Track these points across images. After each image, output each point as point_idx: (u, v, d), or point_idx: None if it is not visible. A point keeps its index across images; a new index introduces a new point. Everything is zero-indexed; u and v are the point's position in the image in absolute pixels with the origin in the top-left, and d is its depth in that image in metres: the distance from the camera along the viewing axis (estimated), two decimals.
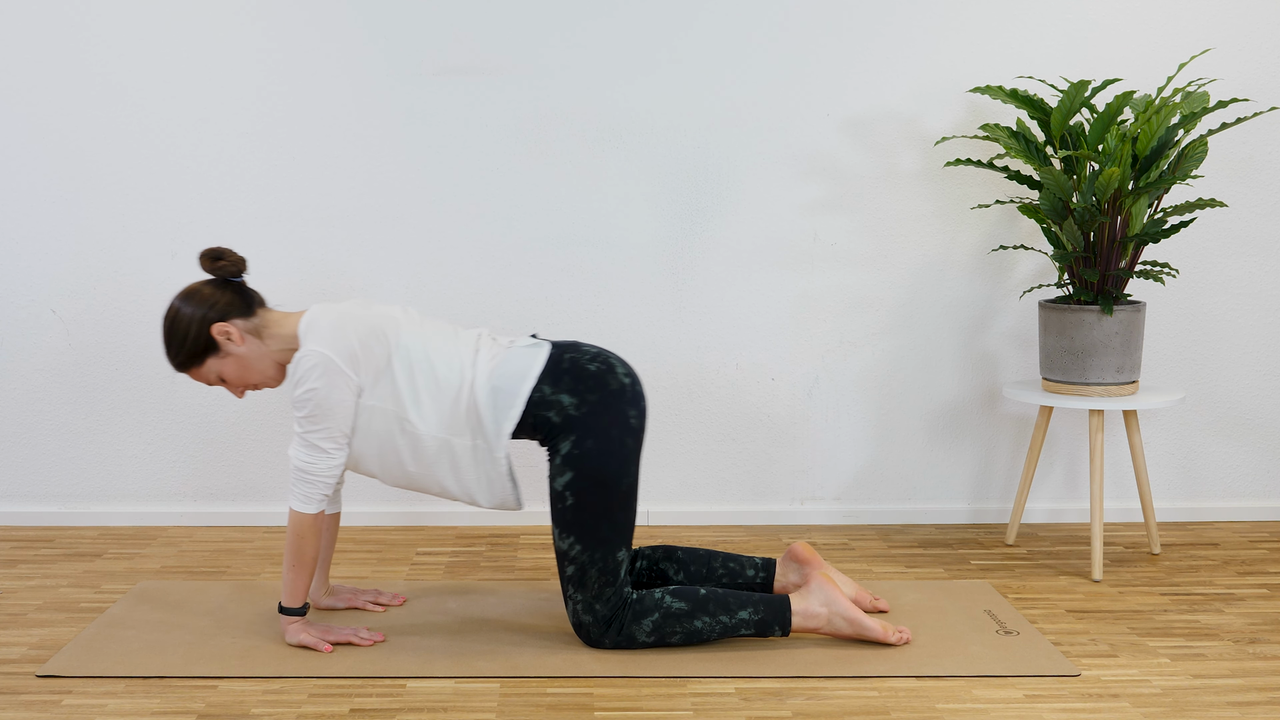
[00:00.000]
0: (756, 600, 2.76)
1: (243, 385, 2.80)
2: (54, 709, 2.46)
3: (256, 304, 2.78)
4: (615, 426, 2.70)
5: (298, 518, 2.70)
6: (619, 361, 2.79)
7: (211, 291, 2.74)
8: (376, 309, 2.77)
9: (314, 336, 2.67)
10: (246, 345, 2.74)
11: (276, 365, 2.78)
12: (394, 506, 3.76)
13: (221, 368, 2.76)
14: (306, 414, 2.66)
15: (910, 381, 3.80)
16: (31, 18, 3.58)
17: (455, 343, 2.77)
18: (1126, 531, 3.73)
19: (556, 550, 2.73)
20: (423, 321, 2.80)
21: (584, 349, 2.79)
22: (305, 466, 2.69)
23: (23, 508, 3.74)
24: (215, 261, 2.75)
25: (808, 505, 3.82)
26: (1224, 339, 3.82)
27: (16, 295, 3.68)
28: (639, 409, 2.76)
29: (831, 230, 3.73)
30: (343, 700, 2.51)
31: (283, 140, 3.64)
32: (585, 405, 2.70)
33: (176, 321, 2.72)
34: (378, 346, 2.69)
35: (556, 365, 2.73)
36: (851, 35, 3.67)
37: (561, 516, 2.70)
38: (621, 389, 2.74)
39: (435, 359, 2.72)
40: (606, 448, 2.69)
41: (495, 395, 2.70)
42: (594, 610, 2.71)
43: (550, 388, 2.71)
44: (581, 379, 2.72)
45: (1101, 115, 3.26)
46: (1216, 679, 2.64)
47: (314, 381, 2.64)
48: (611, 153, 3.68)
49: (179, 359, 2.74)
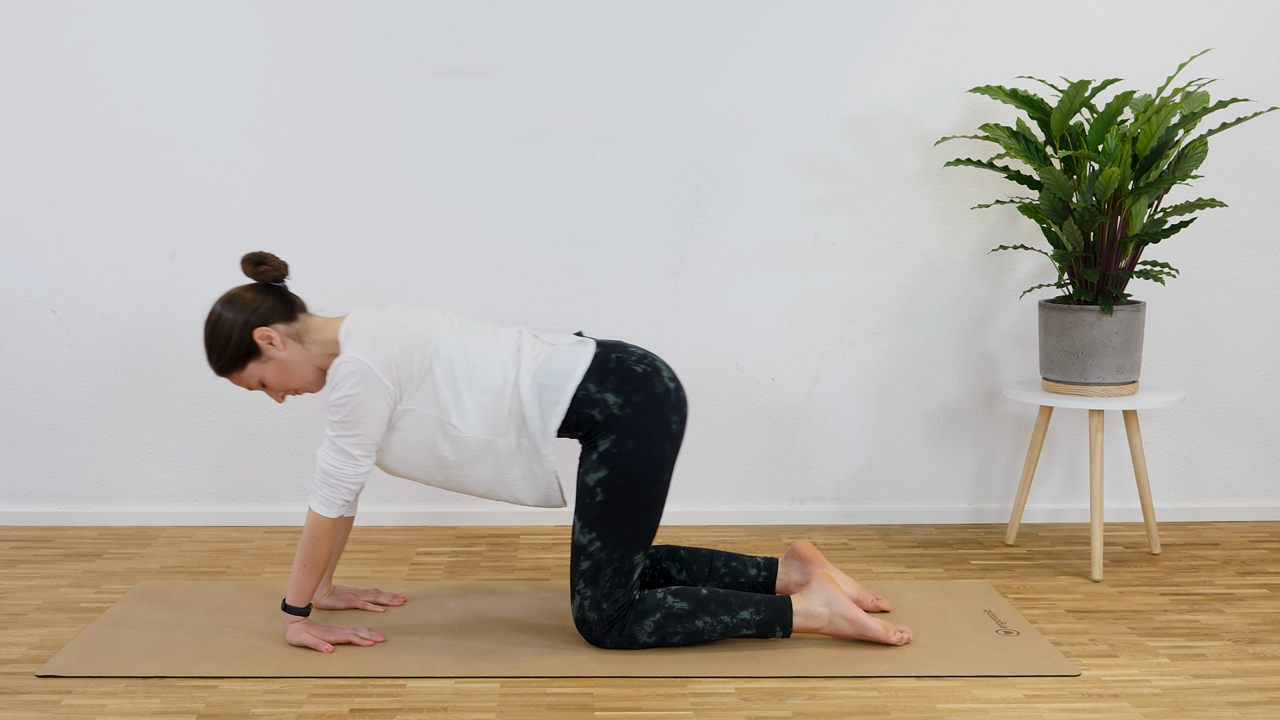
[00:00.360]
0: (758, 600, 2.76)
1: (283, 390, 2.80)
2: (54, 709, 2.46)
3: (298, 309, 2.79)
4: (657, 430, 2.70)
5: (316, 520, 2.70)
6: (664, 365, 2.80)
7: (253, 296, 2.75)
8: (417, 315, 2.77)
9: (354, 343, 2.67)
10: (288, 350, 2.74)
11: (317, 370, 2.78)
12: (394, 506, 3.76)
13: (263, 372, 2.76)
14: (340, 419, 2.66)
15: (910, 381, 3.80)
16: (31, 18, 3.58)
17: (496, 342, 2.77)
18: (1126, 531, 3.73)
19: (574, 543, 2.72)
20: (462, 323, 2.81)
21: (630, 349, 2.79)
22: (332, 471, 2.69)
23: (23, 508, 3.74)
24: (257, 266, 2.76)
25: (808, 505, 3.82)
26: (1224, 339, 3.82)
27: (16, 295, 3.68)
28: (681, 415, 2.76)
29: (831, 230, 3.73)
30: (343, 700, 2.51)
31: (283, 140, 3.64)
32: (630, 406, 2.70)
33: (218, 326, 2.73)
34: (418, 354, 2.69)
35: (603, 364, 2.73)
36: (851, 35, 3.67)
37: (587, 511, 2.70)
38: (666, 392, 2.74)
39: (476, 360, 2.72)
40: (646, 450, 2.69)
41: (540, 392, 2.70)
42: (600, 608, 2.71)
43: (595, 386, 2.71)
44: (628, 379, 2.72)
45: (1101, 115, 3.26)
46: (1216, 679, 2.64)
47: (350, 389, 2.64)
48: (611, 153, 3.68)
49: (220, 363, 2.75)
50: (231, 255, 3.65)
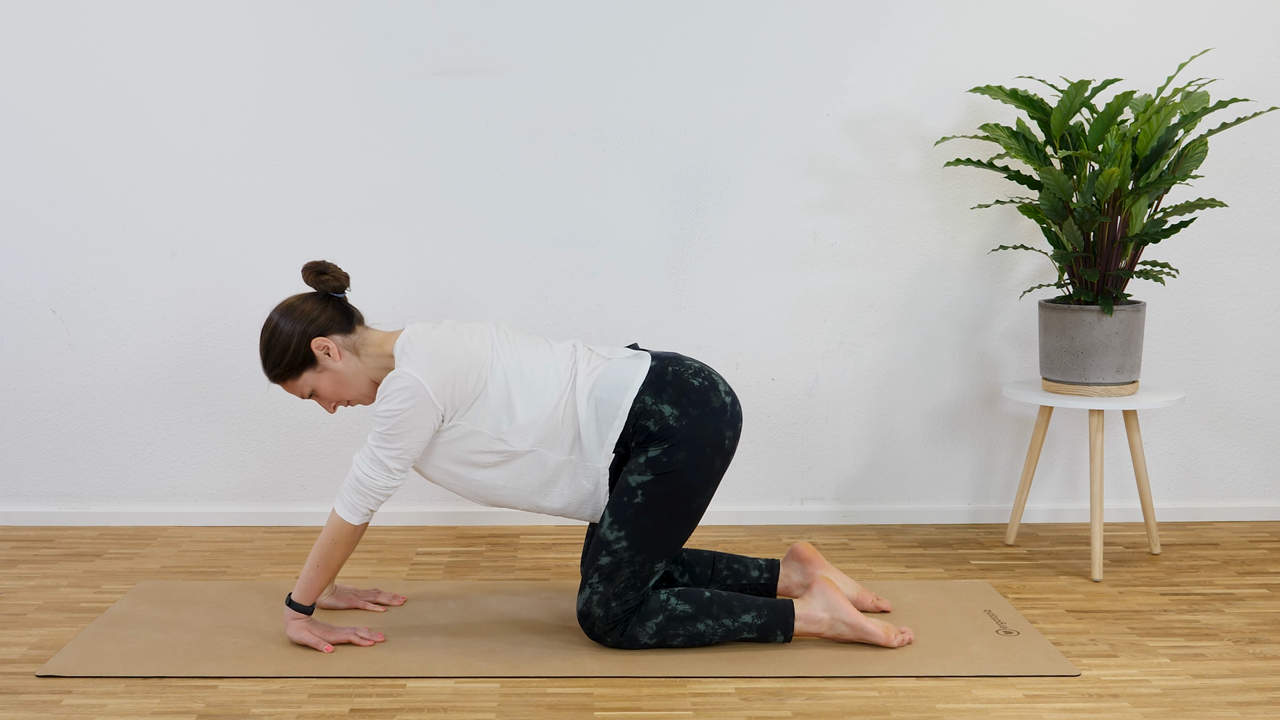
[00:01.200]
0: (760, 604, 2.76)
1: (336, 400, 2.81)
2: (54, 709, 2.46)
3: (356, 320, 2.79)
4: (709, 444, 2.70)
5: (339, 524, 2.70)
6: (721, 379, 2.80)
7: (312, 306, 2.75)
8: (473, 332, 2.77)
9: (409, 360, 2.67)
10: (344, 361, 2.75)
11: (371, 383, 2.79)
12: (394, 506, 3.76)
13: (317, 382, 2.76)
14: (384, 430, 2.66)
15: (910, 381, 3.80)
16: (31, 18, 3.58)
17: (551, 356, 2.78)
18: (1126, 531, 3.73)
19: (599, 538, 2.72)
20: (515, 337, 2.81)
21: (687, 363, 2.79)
22: (365, 480, 2.68)
23: (23, 508, 3.74)
24: (319, 276, 2.76)
25: (808, 505, 3.82)
26: (1224, 339, 3.82)
27: (16, 295, 3.68)
28: (735, 430, 2.76)
29: (831, 230, 3.73)
30: (343, 700, 2.51)
31: (283, 140, 3.64)
32: (686, 418, 2.70)
33: (276, 334, 2.73)
34: (473, 374, 2.69)
35: (659, 377, 2.73)
36: (851, 35, 3.67)
37: (622, 510, 2.70)
38: (723, 407, 2.74)
39: (531, 377, 2.73)
40: (696, 464, 2.69)
41: (598, 407, 2.71)
42: (608, 606, 2.71)
43: (653, 398, 2.71)
44: (685, 392, 2.72)
45: (1101, 115, 3.26)
46: (1216, 679, 2.64)
47: (400, 403, 2.64)
48: (611, 153, 3.68)
49: (276, 371, 2.75)
50: (231, 255, 3.65)
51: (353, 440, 3.70)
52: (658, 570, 2.72)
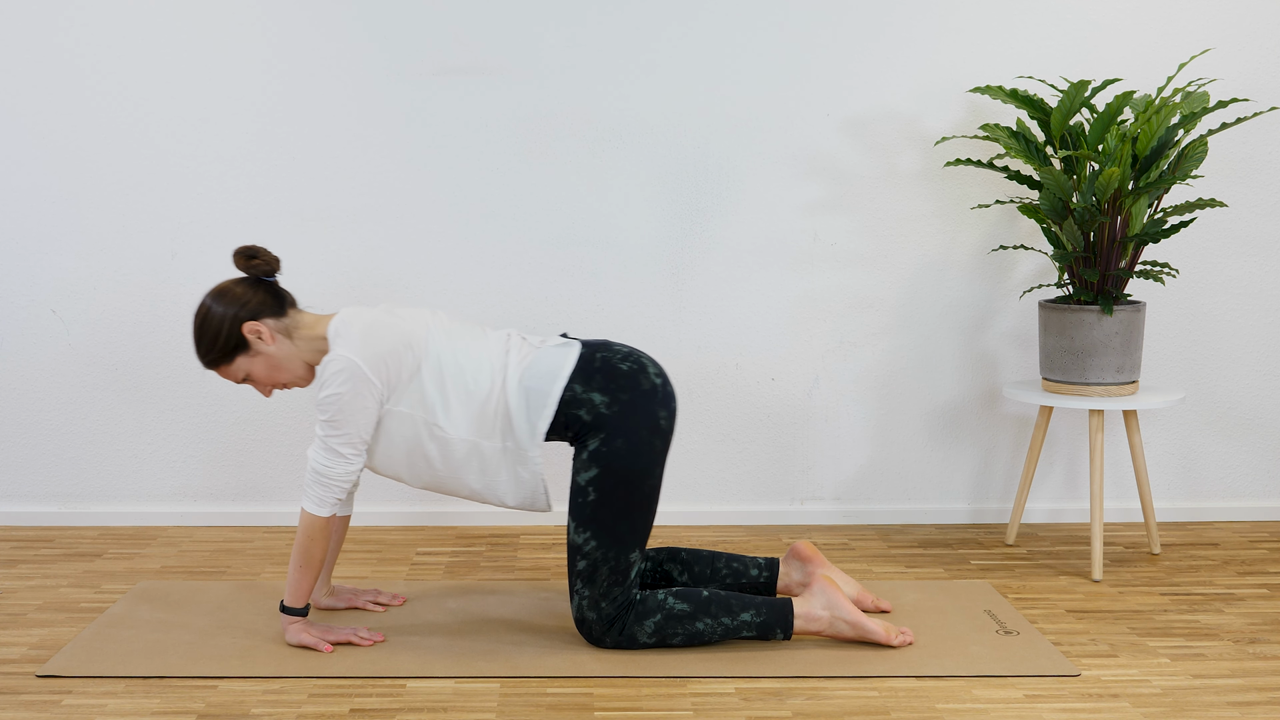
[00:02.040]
0: (759, 603, 2.76)
1: (270, 384, 2.80)
2: (54, 709, 2.46)
3: (288, 304, 2.79)
4: (645, 427, 2.70)
5: (309, 519, 2.70)
6: (651, 361, 2.80)
7: (244, 290, 2.75)
8: (407, 314, 2.77)
9: (343, 341, 2.67)
10: (277, 345, 2.75)
11: (306, 366, 2.79)
12: (394, 506, 3.76)
13: (250, 366, 2.76)
14: (328, 418, 2.66)
15: (910, 381, 3.80)
16: (31, 18, 3.58)
17: (485, 344, 2.77)
18: (1126, 531, 3.73)
19: (570, 544, 2.72)
20: (452, 325, 2.81)
21: (615, 348, 2.79)
22: (322, 470, 2.68)
23: (23, 508, 3.74)
24: (249, 260, 2.76)
25: (808, 505, 3.82)
26: (1224, 339, 3.82)
27: (16, 295, 3.68)
28: (669, 410, 2.76)
29: (831, 230, 3.73)
30: (343, 700, 2.51)
31: (283, 140, 3.65)
32: (617, 404, 2.70)
33: (208, 319, 2.73)
34: (407, 354, 2.69)
35: (588, 364, 2.73)
36: (851, 35, 3.67)
37: (580, 511, 2.70)
38: (654, 389, 2.74)
39: (465, 363, 2.73)
40: (635, 447, 2.69)
41: (527, 396, 2.70)
42: (599, 608, 2.71)
43: (582, 386, 2.71)
44: (614, 378, 2.72)
45: (1101, 115, 3.26)
46: (1216, 679, 2.64)
47: (338, 386, 2.64)
48: (611, 153, 3.68)
49: (209, 356, 2.75)
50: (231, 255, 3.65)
51: None
52: (634, 561, 2.72)
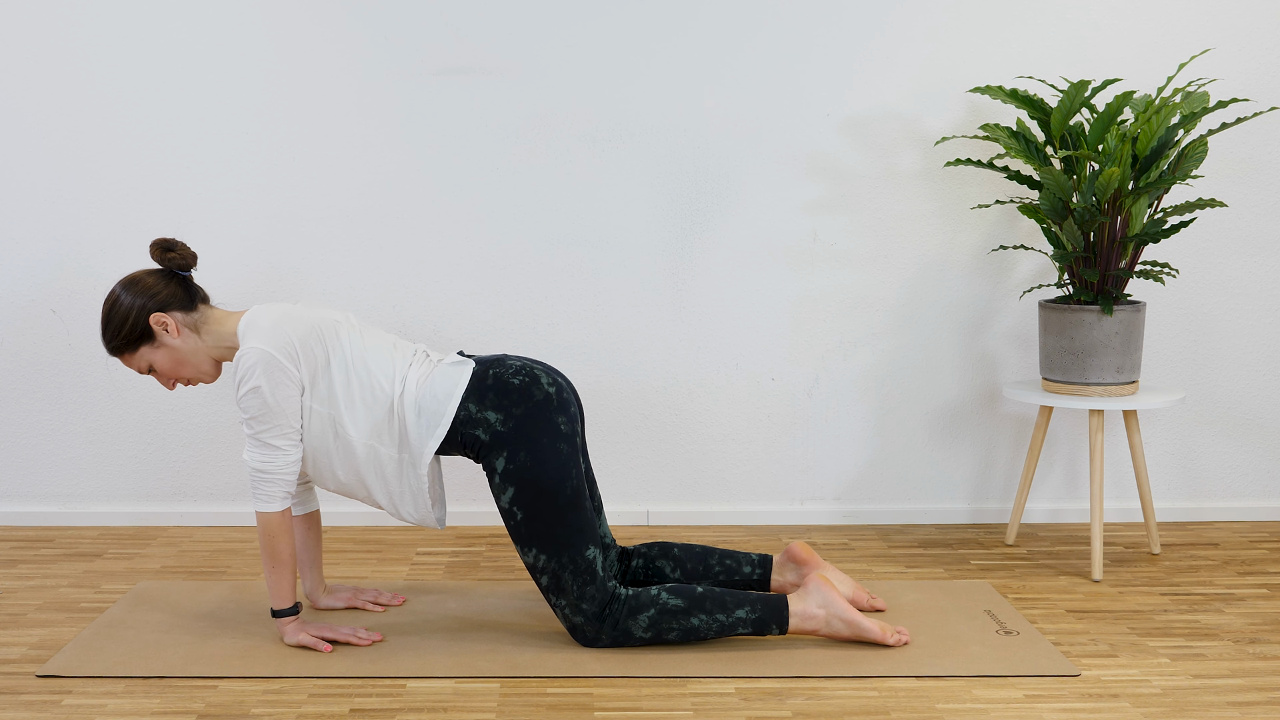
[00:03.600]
0: (754, 599, 2.76)
1: (173, 377, 2.80)
2: (54, 709, 2.46)
3: (199, 299, 2.79)
4: (545, 435, 2.69)
5: (264, 518, 2.69)
6: (544, 371, 2.78)
7: (155, 281, 2.75)
8: (318, 310, 2.77)
9: (253, 334, 2.67)
10: (182, 339, 2.74)
11: (212, 362, 2.79)
12: None
13: (153, 357, 2.76)
14: (253, 414, 2.65)
15: (910, 381, 3.80)
16: (30, 18, 3.58)
17: (392, 355, 2.77)
18: (1126, 531, 3.73)
19: (526, 566, 2.74)
20: (363, 329, 2.80)
21: (509, 363, 2.78)
22: (261, 466, 2.68)
23: (23, 508, 3.74)
24: (165, 252, 2.76)
25: (808, 505, 3.82)
26: (1224, 339, 3.82)
27: (16, 295, 3.68)
28: (568, 415, 2.74)
29: (831, 230, 3.73)
30: (343, 700, 2.51)
31: (283, 140, 3.64)
32: (511, 419, 2.69)
33: (116, 306, 2.73)
34: (317, 347, 2.69)
35: (481, 382, 2.73)
36: (851, 35, 3.67)
37: (516, 532, 2.71)
38: (547, 398, 2.73)
39: (372, 365, 2.73)
40: (540, 457, 2.68)
41: (421, 414, 2.71)
42: (582, 610, 2.71)
43: (476, 405, 2.70)
44: (506, 394, 2.71)
45: (1101, 115, 3.26)
46: (1216, 679, 2.64)
47: (257, 379, 2.63)
48: (611, 153, 3.68)
49: (114, 343, 2.75)
50: (232, 255, 3.65)
51: None
52: (593, 556, 2.71)
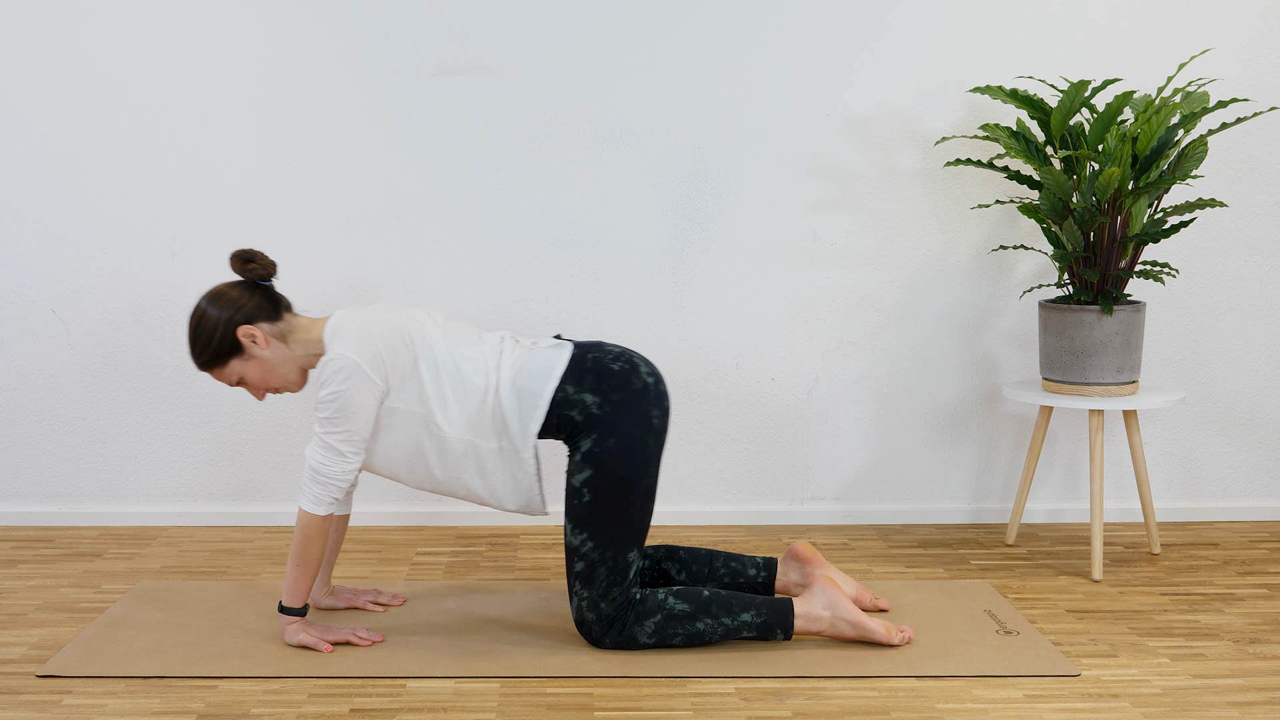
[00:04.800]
0: (759, 603, 2.76)
1: (264, 388, 2.81)
2: (54, 709, 2.46)
3: (284, 308, 2.79)
4: (638, 426, 2.70)
5: (307, 518, 2.70)
6: (643, 361, 2.80)
7: (239, 294, 2.75)
8: (402, 313, 2.77)
9: (340, 341, 2.68)
10: (271, 349, 2.75)
11: (299, 370, 2.80)
12: (394, 506, 3.76)
13: (244, 370, 2.77)
14: (328, 416, 2.66)
15: (910, 381, 3.80)
16: (30, 18, 3.58)
17: (480, 345, 2.78)
18: (1126, 531, 3.73)
19: (567, 545, 2.73)
20: (447, 325, 2.81)
21: (608, 348, 2.79)
22: (320, 468, 2.69)
23: (23, 508, 3.74)
24: (246, 264, 2.76)
25: (808, 505, 3.82)
26: (1224, 339, 3.82)
27: (16, 295, 3.68)
28: (662, 409, 2.76)
29: (831, 230, 3.73)
30: (343, 700, 2.51)
31: (283, 140, 3.64)
32: (608, 404, 2.70)
33: (203, 322, 2.73)
34: (403, 351, 2.69)
35: (580, 365, 2.74)
36: (851, 35, 3.67)
37: (576, 512, 2.70)
38: (645, 388, 2.74)
39: (461, 362, 2.73)
40: (628, 446, 2.69)
41: (520, 396, 2.71)
42: (598, 608, 2.72)
43: (574, 387, 2.71)
44: (605, 378, 2.72)
45: (1101, 115, 3.26)
46: (1216, 679, 2.64)
47: (338, 385, 2.64)
48: (611, 153, 3.68)
49: (203, 359, 2.76)
50: None
51: None
52: (633, 560, 2.72)
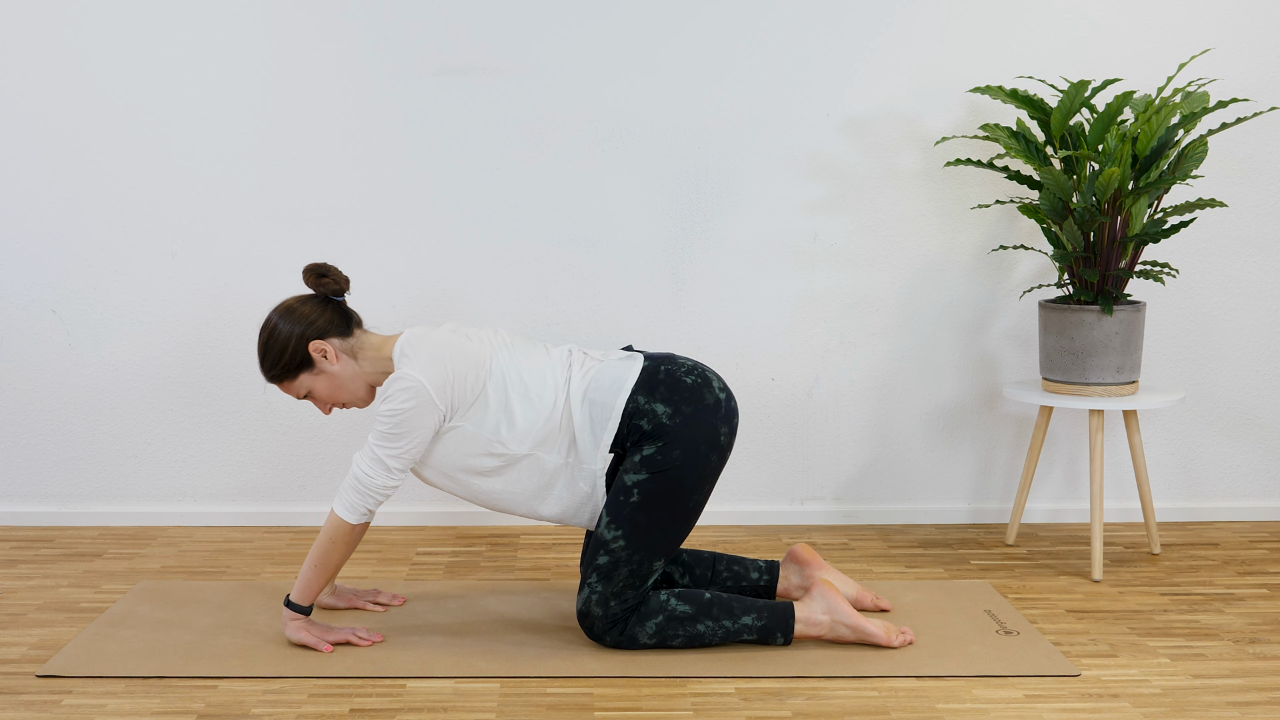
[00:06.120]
0: (760, 606, 2.76)
1: (331, 403, 2.82)
2: (54, 709, 2.46)
3: (355, 324, 2.80)
4: (704, 441, 2.70)
5: (337, 523, 2.71)
6: (715, 376, 2.79)
7: (311, 309, 2.76)
8: (472, 335, 2.78)
9: (410, 362, 2.68)
10: (341, 364, 2.76)
11: (368, 386, 2.81)
12: (394, 506, 3.76)
13: (313, 384, 2.78)
14: (385, 430, 2.67)
15: (910, 381, 3.80)
16: (30, 18, 3.58)
17: (548, 360, 2.78)
18: (1126, 531, 3.73)
19: (598, 536, 2.72)
20: (514, 341, 2.82)
21: (680, 361, 2.79)
22: (364, 478, 2.69)
23: (23, 508, 3.74)
24: (319, 279, 2.77)
25: (808, 505, 3.82)
26: (1224, 339, 3.82)
27: (16, 295, 3.68)
28: (731, 427, 2.75)
29: (831, 230, 3.73)
30: (343, 700, 2.51)
31: (283, 140, 3.64)
32: (679, 416, 2.70)
33: (274, 336, 2.74)
34: (472, 375, 2.70)
35: (652, 376, 2.73)
36: (851, 35, 3.67)
37: (619, 509, 2.69)
38: (717, 404, 2.74)
39: (529, 379, 2.73)
40: (691, 461, 2.69)
41: (591, 408, 2.71)
42: (607, 605, 2.71)
43: (645, 398, 2.71)
44: (677, 390, 2.72)
45: (1101, 115, 3.26)
46: (1216, 679, 2.64)
47: (402, 403, 2.65)
48: (611, 153, 3.68)
49: (273, 372, 2.77)
50: (231, 255, 3.65)
51: (353, 441, 3.70)
52: (656, 569, 2.72)
